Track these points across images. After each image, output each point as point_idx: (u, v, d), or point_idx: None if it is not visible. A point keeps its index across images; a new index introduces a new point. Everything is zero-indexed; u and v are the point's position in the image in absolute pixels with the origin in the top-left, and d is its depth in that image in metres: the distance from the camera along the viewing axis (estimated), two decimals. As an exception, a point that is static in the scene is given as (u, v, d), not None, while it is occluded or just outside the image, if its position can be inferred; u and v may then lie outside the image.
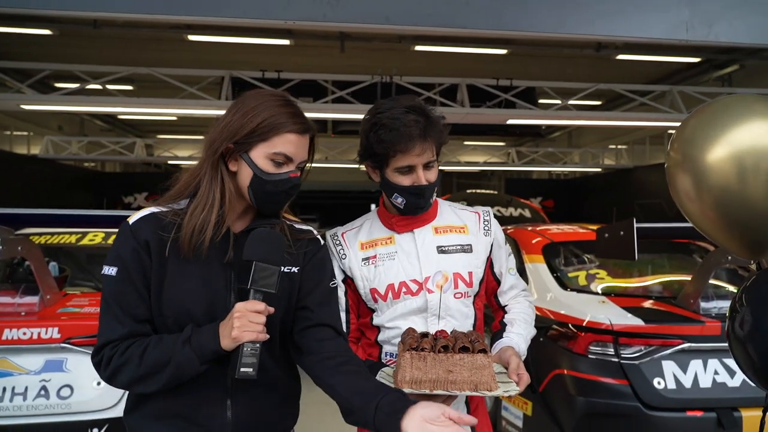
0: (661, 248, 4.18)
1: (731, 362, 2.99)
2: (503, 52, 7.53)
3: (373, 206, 1.77)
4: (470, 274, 1.60)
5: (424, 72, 8.09)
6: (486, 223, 1.68)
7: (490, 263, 1.68)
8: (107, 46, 8.15)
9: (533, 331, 1.66)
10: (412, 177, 1.51)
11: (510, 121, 8.41)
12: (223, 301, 1.26)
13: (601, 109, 11.02)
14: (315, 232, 1.47)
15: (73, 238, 3.89)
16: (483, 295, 1.69)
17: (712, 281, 3.31)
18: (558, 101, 8.36)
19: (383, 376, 1.42)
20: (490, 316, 1.77)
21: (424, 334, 1.41)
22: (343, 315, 1.57)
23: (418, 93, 7.89)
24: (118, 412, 2.85)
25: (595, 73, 8.40)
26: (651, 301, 3.39)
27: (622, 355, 2.96)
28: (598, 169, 14.76)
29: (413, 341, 1.35)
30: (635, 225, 2.83)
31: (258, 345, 1.19)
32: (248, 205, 1.33)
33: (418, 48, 7.43)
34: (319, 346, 1.34)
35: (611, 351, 2.98)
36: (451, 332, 1.44)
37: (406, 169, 1.50)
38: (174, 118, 12.62)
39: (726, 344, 3.03)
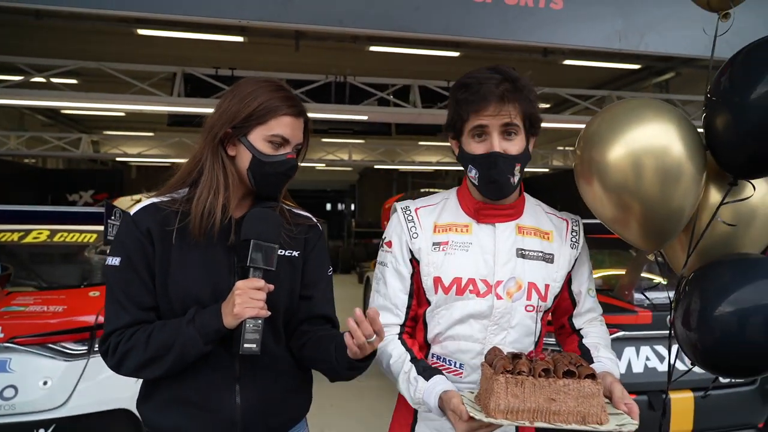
0: (600, 244, 4.42)
1: (661, 349, 3.22)
2: (455, 54, 7.70)
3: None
4: (547, 287, 1.42)
5: (378, 72, 8.16)
6: (574, 233, 1.50)
7: (568, 280, 1.49)
8: (50, 38, 7.80)
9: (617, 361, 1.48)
10: (486, 144, 1.35)
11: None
12: (227, 284, 1.27)
13: (549, 112, 11.42)
14: (314, 218, 1.51)
15: (15, 236, 3.77)
16: (551, 312, 1.52)
17: (644, 274, 3.55)
18: (508, 103, 8.59)
19: (467, 402, 1.22)
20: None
21: (517, 355, 1.22)
22: (405, 298, 1.47)
23: (372, 93, 7.98)
24: (66, 411, 2.80)
25: (543, 77, 8.70)
26: (590, 294, 3.60)
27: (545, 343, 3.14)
28: (546, 170, 15.27)
29: (507, 363, 1.17)
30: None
31: (260, 321, 1.22)
32: (247, 191, 1.37)
33: (372, 49, 7.50)
34: (311, 332, 1.40)
35: (553, 341, 3.15)
36: (548, 354, 1.24)
37: (479, 131, 1.35)
38: (122, 114, 12.17)
39: (656, 332, 3.27)
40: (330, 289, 1.50)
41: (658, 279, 3.67)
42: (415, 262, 1.46)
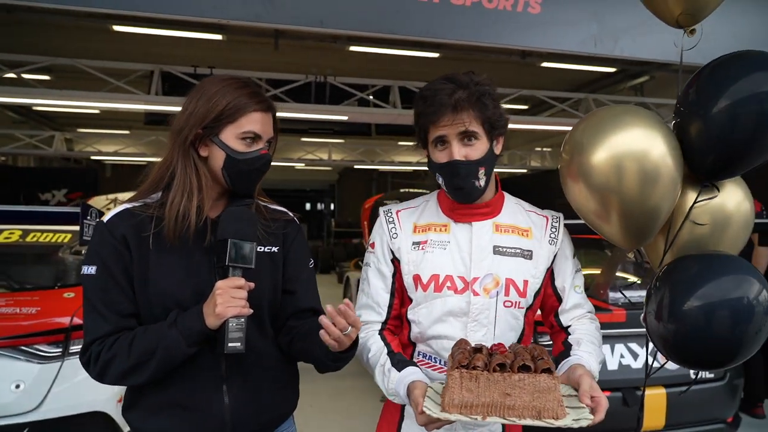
0: (577, 244, 4.51)
1: (635, 346, 3.30)
2: (435, 55, 7.75)
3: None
4: (525, 282, 1.44)
5: (359, 72, 8.17)
6: (553, 229, 1.52)
7: (551, 276, 1.51)
8: (22, 33, 7.63)
9: (602, 356, 1.46)
10: (448, 152, 1.39)
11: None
12: (207, 285, 1.26)
13: (527, 114, 11.56)
14: (290, 213, 1.51)
15: (-14, 236, 3.68)
16: (534, 309, 1.52)
17: (619, 273, 3.63)
18: (487, 105, 8.69)
19: (431, 394, 1.24)
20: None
21: (478, 348, 1.21)
22: (387, 297, 1.51)
23: (352, 94, 7.98)
24: (39, 415, 2.75)
25: (521, 79, 8.80)
26: (566, 293, 3.67)
27: (540, 343, 3.20)
28: (524, 170, 15.45)
29: (463, 357, 1.17)
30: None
31: (243, 320, 1.22)
32: (222, 191, 1.37)
33: (352, 49, 7.50)
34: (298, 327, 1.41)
35: (531, 339, 3.21)
36: (510, 347, 1.25)
37: (440, 141, 1.40)
38: (96, 111, 11.94)
39: (630, 330, 3.35)
40: (313, 281, 1.51)
41: (632, 278, 3.76)
42: (396, 261, 1.50)
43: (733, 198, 1.54)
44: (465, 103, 1.35)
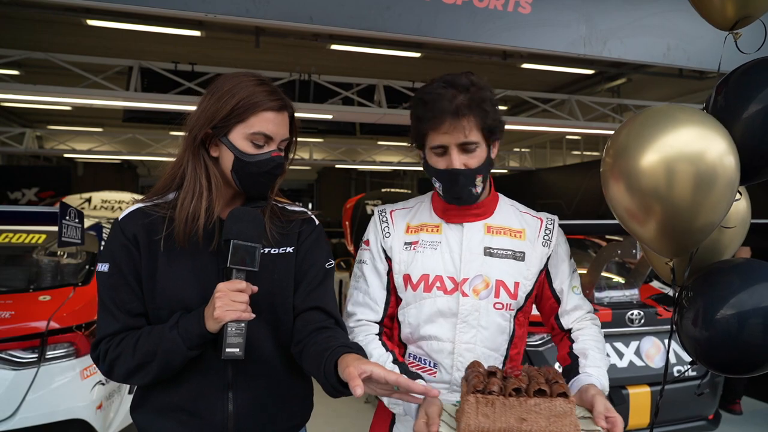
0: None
1: (620, 346, 3.33)
2: (417, 55, 7.73)
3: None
4: (516, 284, 1.43)
5: (338, 71, 8.12)
6: (548, 231, 1.49)
7: (548, 278, 1.49)
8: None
9: (608, 362, 1.41)
10: (447, 160, 1.37)
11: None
12: (215, 288, 1.20)
13: (506, 114, 11.65)
14: (309, 212, 1.45)
15: (-45, 237, 3.53)
16: (526, 311, 1.50)
17: (603, 273, 3.67)
18: (468, 105, 8.73)
19: (446, 417, 1.20)
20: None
21: (492, 372, 1.19)
22: (384, 294, 1.49)
23: (336, 92, 7.91)
24: (14, 424, 2.65)
25: (501, 80, 8.87)
26: (552, 293, 3.69)
27: (528, 343, 3.21)
28: (504, 171, 15.57)
29: (479, 382, 1.15)
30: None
31: (243, 324, 1.17)
32: (236, 192, 1.32)
33: (334, 47, 7.44)
34: (307, 332, 1.32)
35: (524, 342, 3.22)
36: (524, 370, 1.22)
37: (440, 149, 1.37)
38: (68, 108, 11.62)
39: (616, 329, 3.37)
40: (325, 280, 1.40)
41: (617, 278, 3.80)
42: (388, 260, 1.50)
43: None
44: (466, 110, 1.33)
